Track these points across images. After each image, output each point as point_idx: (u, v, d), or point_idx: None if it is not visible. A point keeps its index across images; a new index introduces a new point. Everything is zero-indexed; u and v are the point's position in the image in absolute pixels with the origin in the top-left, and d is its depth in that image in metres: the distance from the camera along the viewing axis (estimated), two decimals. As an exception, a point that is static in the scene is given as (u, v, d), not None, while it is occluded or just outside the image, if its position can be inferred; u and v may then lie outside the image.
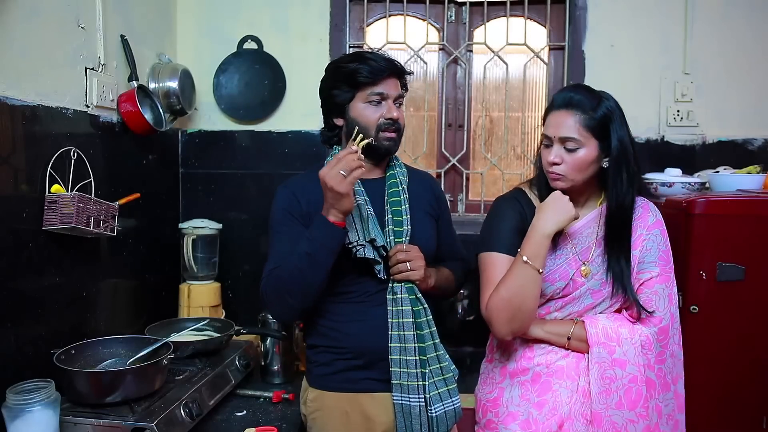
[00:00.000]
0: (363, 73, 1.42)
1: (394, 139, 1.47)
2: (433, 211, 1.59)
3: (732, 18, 2.30)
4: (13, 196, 1.45)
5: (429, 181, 1.66)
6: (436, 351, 1.43)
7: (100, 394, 1.42)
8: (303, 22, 2.38)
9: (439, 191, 1.66)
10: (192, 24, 2.39)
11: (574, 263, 1.44)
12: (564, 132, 1.38)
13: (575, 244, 1.46)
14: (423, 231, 1.51)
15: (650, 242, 1.45)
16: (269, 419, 1.67)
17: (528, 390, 1.45)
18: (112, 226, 1.70)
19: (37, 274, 1.53)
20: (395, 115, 1.45)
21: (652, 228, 1.46)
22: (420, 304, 1.42)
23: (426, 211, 1.56)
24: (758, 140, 2.32)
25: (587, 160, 1.39)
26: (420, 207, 1.53)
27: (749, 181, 1.89)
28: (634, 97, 2.34)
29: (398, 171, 1.54)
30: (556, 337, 1.43)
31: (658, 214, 1.50)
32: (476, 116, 2.51)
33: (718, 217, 1.68)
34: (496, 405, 1.49)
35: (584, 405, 1.39)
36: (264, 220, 1.60)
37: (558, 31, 2.42)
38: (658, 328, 1.40)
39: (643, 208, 1.48)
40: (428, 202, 1.58)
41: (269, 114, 2.41)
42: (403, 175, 1.54)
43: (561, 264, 1.44)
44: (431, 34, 2.44)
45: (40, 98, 1.54)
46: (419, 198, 1.54)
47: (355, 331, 1.44)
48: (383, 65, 1.43)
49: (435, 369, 1.41)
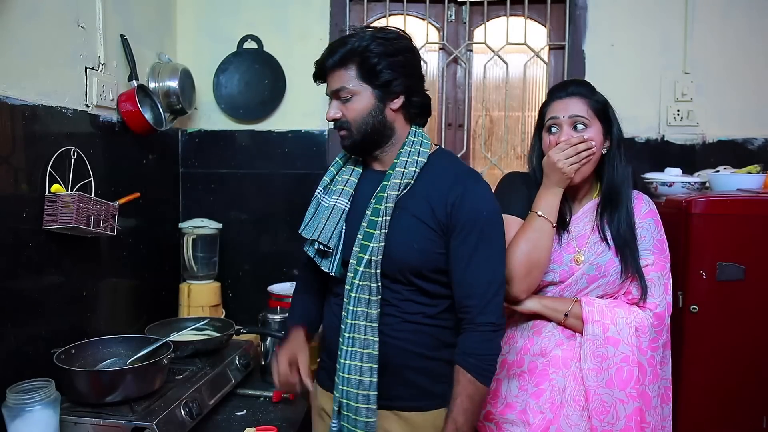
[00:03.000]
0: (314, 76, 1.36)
1: (343, 137, 1.33)
2: (435, 222, 1.27)
3: (732, 18, 2.30)
4: (13, 196, 1.45)
5: (454, 191, 1.27)
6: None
7: (100, 394, 1.42)
8: (303, 21, 2.38)
9: (460, 207, 1.26)
10: (192, 23, 2.39)
11: (570, 249, 1.47)
12: (574, 110, 1.42)
13: (571, 231, 1.48)
14: (402, 237, 1.27)
15: (644, 230, 1.46)
16: (269, 419, 1.67)
17: (525, 380, 1.46)
18: (112, 226, 1.70)
19: (37, 274, 1.53)
20: (329, 116, 1.32)
21: (645, 217, 1.47)
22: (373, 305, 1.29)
23: (417, 217, 1.28)
24: (758, 140, 2.32)
25: (596, 141, 1.42)
26: (413, 211, 1.28)
27: (749, 180, 1.89)
28: (634, 97, 2.34)
29: (402, 172, 1.30)
30: (553, 312, 1.44)
31: (651, 205, 1.50)
32: (476, 116, 2.50)
33: (718, 217, 1.68)
34: (495, 397, 1.50)
35: (579, 392, 1.40)
36: (264, 219, 1.59)
37: (558, 30, 2.42)
38: (653, 313, 1.41)
39: (637, 198, 1.49)
40: (428, 206, 1.28)
41: (269, 113, 2.41)
42: (414, 165, 1.30)
43: (557, 249, 1.46)
44: (431, 33, 2.44)
45: (40, 98, 1.54)
46: (417, 200, 1.29)
47: (325, 326, 1.44)
48: (317, 67, 1.32)
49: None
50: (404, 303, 1.31)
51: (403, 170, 1.29)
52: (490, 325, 1.26)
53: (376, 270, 1.26)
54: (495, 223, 1.30)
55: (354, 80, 1.27)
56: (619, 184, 1.45)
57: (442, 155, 1.37)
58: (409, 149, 1.32)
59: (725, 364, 1.68)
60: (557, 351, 1.44)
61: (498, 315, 1.27)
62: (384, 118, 1.30)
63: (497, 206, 1.32)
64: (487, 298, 1.26)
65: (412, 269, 1.28)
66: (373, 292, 1.26)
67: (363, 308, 1.27)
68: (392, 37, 1.29)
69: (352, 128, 1.30)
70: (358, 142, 1.32)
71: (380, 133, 1.32)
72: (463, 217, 1.26)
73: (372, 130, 1.30)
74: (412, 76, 1.32)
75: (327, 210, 1.33)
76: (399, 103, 1.30)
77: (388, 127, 1.32)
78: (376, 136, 1.32)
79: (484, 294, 1.26)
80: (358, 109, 1.29)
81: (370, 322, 1.27)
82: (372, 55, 1.25)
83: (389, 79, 1.27)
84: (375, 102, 1.29)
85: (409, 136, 1.34)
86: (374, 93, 1.28)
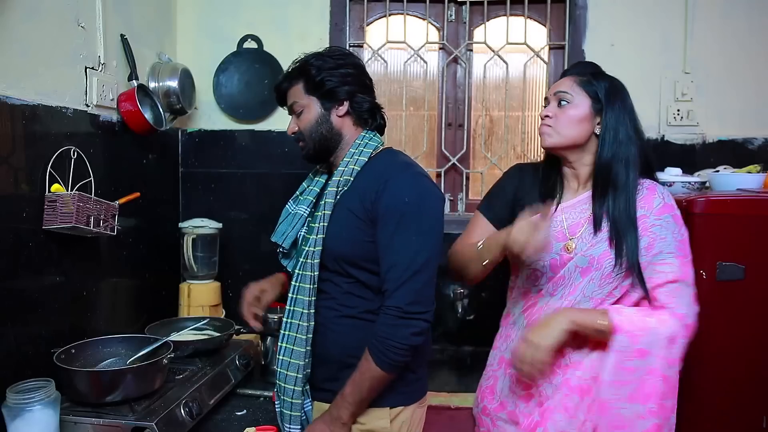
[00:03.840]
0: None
1: (302, 147, 1.47)
2: (363, 212, 1.34)
3: (732, 17, 2.30)
4: (13, 196, 1.45)
5: (380, 181, 1.34)
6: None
7: (100, 394, 1.42)
8: (303, 21, 2.38)
9: (382, 195, 1.32)
10: (192, 23, 2.40)
11: (561, 237, 1.43)
12: (559, 87, 1.44)
13: (565, 218, 1.44)
14: (335, 229, 1.37)
15: (663, 229, 1.36)
16: (269, 418, 1.66)
17: (514, 383, 1.46)
18: (112, 226, 1.70)
19: (37, 274, 1.53)
20: (288, 131, 1.48)
21: (661, 212, 1.38)
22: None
23: (349, 209, 1.36)
24: (758, 140, 2.32)
25: (577, 116, 1.41)
26: (347, 204, 1.37)
27: (749, 180, 1.89)
28: (634, 97, 2.27)
29: (342, 171, 1.40)
30: (585, 329, 1.34)
31: (667, 197, 1.41)
32: (476, 115, 2.50)
33: (718, 217, 1.68)
34: (492, 393, 1.51)
35: (568, 398, 1.36)
36: (264, 219, 1.61)
37: (558, 30, 2.42)
38: (684, 324, 1.33)
39: (649, 189, 1.41)
40: (359, 200, 1.35)
41: (269, 113, 2.41)
42: (354, 164, 1.39)
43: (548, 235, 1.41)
44: (431, 33, 2.44)
45: (40, 98, 1.54)
46: (352, 194, 1.37)
47: None
48: (275, 92, 1.50)
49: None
50: (345, 296, 1.39)
51: (343, 169, 1.40)
52: (396, 309, 1.27)
53: (314, 260, 1.36)
54: (418, 209, 1.31)
55: (301, 94, 1.43)
56: (608, 163, 1.39)
57: (386, 154, 1.45)
58: (353, 151, 1.42)
59: (725, 364, 1.68)
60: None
61: (406, 301, 1.27)
62: (331, 125, 1.43)
63: (425, 194, 1.35)
64: (399, 283, 1.28)
65: (344, 258, 1.37)
66: (311, 280, 1.37)
67: (302, 296, 1.38)
68: (334, 54, 1.44)
69: (306, 138, 1.44)
70: (312, 150, 1.45)
71: (329, 139, 1.43)
72: (384, 204, 1.32)
73: (321, 137, 1.43)
74: (355, 84, 1.43)
75: (290, 217, 1.50)
76: (344, 109, 1.43)
77: (336, 133, 1.43)
78: (326, 142, 1.44)
79: (397, 278, 1.28)
80: (309, 119, 1.43)
81: (307, 309, 1.37)
82: (312, 68, 1.40)
83: (331, 87, 1.40)
84: (321, 111, 1.42)
85: (357, 140, 1.44)
86: (320, 102, 1.42)
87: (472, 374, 1.68)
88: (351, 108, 1.43)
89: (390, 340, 1.27)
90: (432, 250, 1.31)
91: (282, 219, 1.52)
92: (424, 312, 1.29)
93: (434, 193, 1.38)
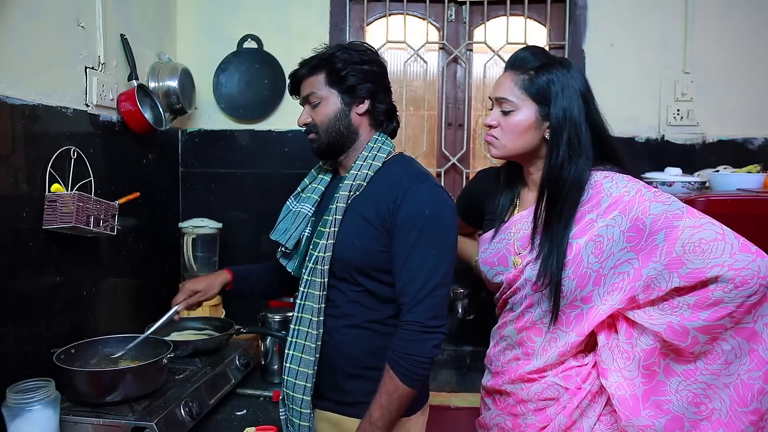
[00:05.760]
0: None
1: (312, 140, 1.42)
2: (379, 221, 1.31)
3: (732, 17, 2.30)
4: (13, 196, 1.45)
5: (398, 191, 1.30)
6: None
7: (100, 394, 1.42)
8: (303, 21, 2.38)
9: (401, 206, 1.29)
10: (192, 23, 2.39)
11: (512, 251, 1.37)
12: (500, 92, 1.33)
13: (517, 230, 1.37)
14: (347, 235, 1.33)
15: (609, 230, 1.24)
16: (269, 418, 1.67)
17: (506, 401, 1.41)
18: (112, 226, 1.70)
19: (37, 274, 1.53)
20: (300, 121, 1.42)
21: (606, 213, 1.25)
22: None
23: (363, 216, 1.33)
24: (758, 139, 2.32)
25: (522, 125, 1.30)
26: (360, 211, 1.34)
27: (749, 180, 1.89)
28: (634, 97, 2.34)
29: (355, 174, 1.36)
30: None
31: (617, 189, 1.27)
32: (476, 115, 2.50)
33: (718, 217, 1.66)
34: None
35: (563, 416, 1.29)
36: (264, 219, 1.61)
37: (558, 30, 2.42)
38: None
39: (594, 188, 1.28)
40: (374, 208, 1.32)
41: (269, 113, 2.41)
42: (367, 168, 1.36)
43: (501, 249, 1.39)
44: (431, 33, 2.44)
45: (40, 97, 1.54)
46: (366, 200, 1.34)
47: None
48: (291, 80, 1.45)
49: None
50: (349, 305, 1.35)
51: (356, 173, 1.36)
52: (417, 324, 1.25)
53: (324, 266, 1.33)
54: (437, 224, 1.29)
55: (322, 85, 1.38)
56: (556, 175, 1.28)
57: (400, 160, 1.42)
58: (366, 154, 1.39)
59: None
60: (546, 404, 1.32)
61: (428, 316, 1.25)
62: (349, 122, 1.39)
63: (443, 208, 1.31)
64: (419, 298, 1.26)
65: (355, 266, 1.33)
66: (321, 287, 1.34)
67: (311, 303, 1.34)
68: (359, 49, 1.39)
69: (320, 131, 1.39)
70: (325, 145, 1.40)
71: (345, 137, 1.39)
72: (404, 216, 1.28)
73: (337, 133, 1.38)
74: (377, 83, 1.39)
75: (292, 215, 1.46)
76: (364, 107, 1.39)
77: (353, 131, 1.40)
78: (341, 139, 1.39)
79: (416, 293, 1.26)
80: (326, 112, 1.38)
81: (316, 317, 1.34)
82: (338, 61, 1.35)
83: (354, 83, 1.36)
84: (341, 106, 1.38)
85: (370, 142, 1.40)
86: (341, 97, 1.37)
87: (472, 374, 1.68)
88: (371, 107, 1.39)
89: (413, 355, 1.25)
90: (449, 264, 1.30)
91: (282, 216, 1.48)
92: (442, 325, 1.28)
93: (450, 205, 1.34)
